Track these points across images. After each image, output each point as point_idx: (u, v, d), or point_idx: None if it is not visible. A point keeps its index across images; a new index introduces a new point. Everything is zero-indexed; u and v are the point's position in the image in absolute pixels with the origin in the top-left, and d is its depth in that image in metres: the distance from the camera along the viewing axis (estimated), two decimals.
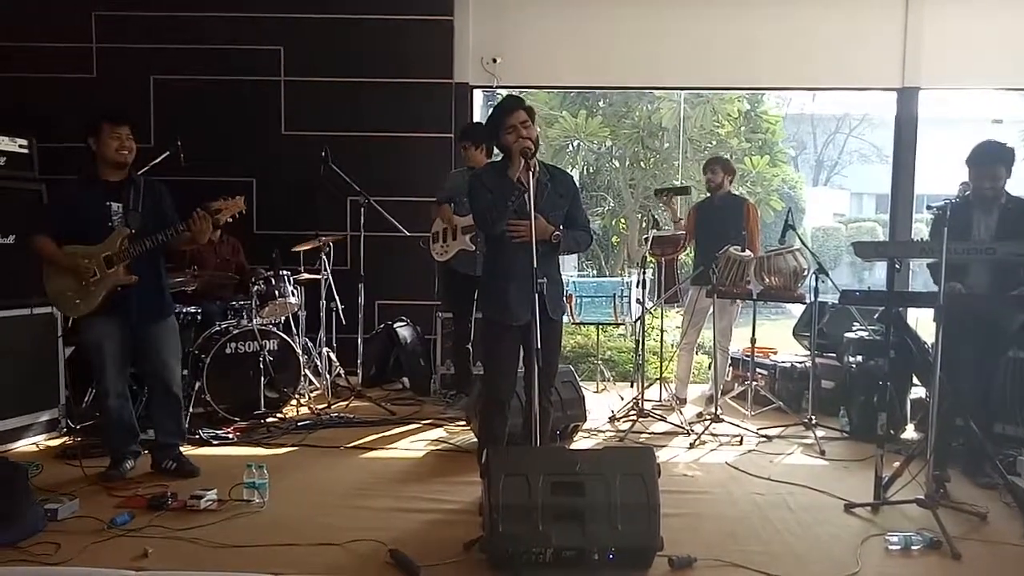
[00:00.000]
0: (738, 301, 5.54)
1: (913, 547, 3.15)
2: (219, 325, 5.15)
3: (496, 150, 3.62)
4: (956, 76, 6.78)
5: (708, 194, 5.86)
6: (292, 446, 4.61)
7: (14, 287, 4.50)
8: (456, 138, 5.83)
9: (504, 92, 8.13)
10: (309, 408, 5.41)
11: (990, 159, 3.86)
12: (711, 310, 5.53)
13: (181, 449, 4.10)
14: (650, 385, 5.72)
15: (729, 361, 5.93)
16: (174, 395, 4.04)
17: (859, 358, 5.10)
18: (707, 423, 5.01)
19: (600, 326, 7.06)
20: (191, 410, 4.84)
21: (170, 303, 4.12)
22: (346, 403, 5.60)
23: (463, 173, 5.16)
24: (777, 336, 6.82)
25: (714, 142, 10.74)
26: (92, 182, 3.83)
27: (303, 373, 5.40)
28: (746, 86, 8.50)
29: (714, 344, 5.61)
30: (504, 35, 6.80)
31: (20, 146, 4.65)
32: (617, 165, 11.46)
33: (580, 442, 4.79)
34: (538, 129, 3.50)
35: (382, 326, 6.35)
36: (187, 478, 3.88)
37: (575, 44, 6.83)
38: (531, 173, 3.25)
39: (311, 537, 3.19)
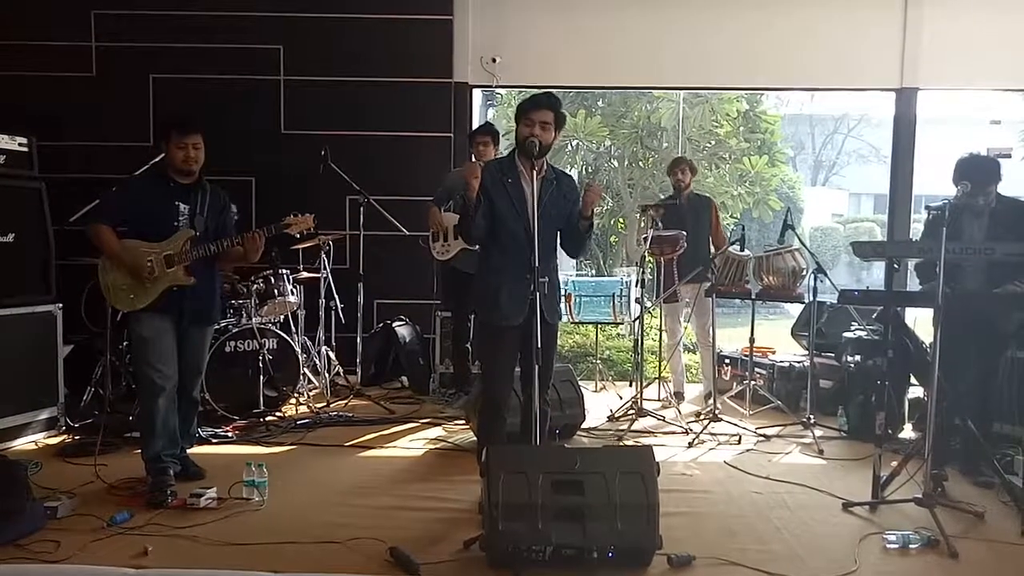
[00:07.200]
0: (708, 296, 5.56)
1: (911, 546, 3.16)
2: (218, 323, 5.14)
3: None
4: (955, 77, 6.79)
5: (673, 193, 5.93)
6: (291, 445, 4.62)
7: (13, 285, 4.51)
8: (471, 134, 5.80)
9: (503, 92, 8.16)
10: (308, 407, 5.41)
11: (986, 177, 3.96)
12: (687, 306, 5.54)
13: (187, 452, 4.07)
14: (648, 384, 5.73)
15: (715, 356, 5.93)
16: (194, 400, 4.05)
17: (857, 357, 5.10)
18: (705, 422, 5.02)
19: (599, 325, 7.07)
20: None
21: (219, 310, 4.12)
22: (345, 402, 5.59)
23: (463, 172, 5.15)
24: (775, 336, 6.83)
25: (713, 142, 10.74)
26: (163, 180, 3.79)
27: (302, 372, 5.41)
28: (745, 86, 8.50)
29: (713, 345, 5.63)
30: (504, 35, 6.80)
31: (19, 144, 4.64)
32: (616, 165, 11.45)
33: (579, 441, 4.79)
34: (554, 136, 3.36)
35: (381, 325, 6.35)
36: (192, 481, 3.84)
37: (574, 44, 6.83)
38: (535, 172, 3.25)
39: (310, 535, 3.19)
